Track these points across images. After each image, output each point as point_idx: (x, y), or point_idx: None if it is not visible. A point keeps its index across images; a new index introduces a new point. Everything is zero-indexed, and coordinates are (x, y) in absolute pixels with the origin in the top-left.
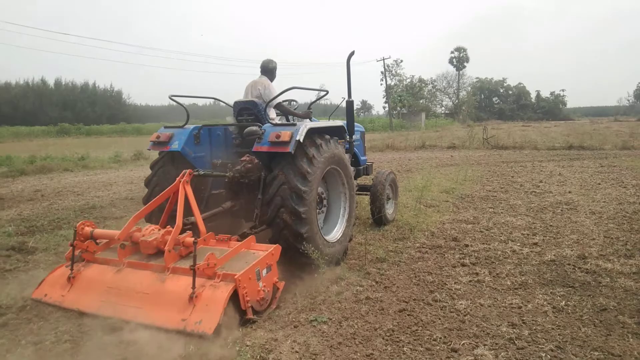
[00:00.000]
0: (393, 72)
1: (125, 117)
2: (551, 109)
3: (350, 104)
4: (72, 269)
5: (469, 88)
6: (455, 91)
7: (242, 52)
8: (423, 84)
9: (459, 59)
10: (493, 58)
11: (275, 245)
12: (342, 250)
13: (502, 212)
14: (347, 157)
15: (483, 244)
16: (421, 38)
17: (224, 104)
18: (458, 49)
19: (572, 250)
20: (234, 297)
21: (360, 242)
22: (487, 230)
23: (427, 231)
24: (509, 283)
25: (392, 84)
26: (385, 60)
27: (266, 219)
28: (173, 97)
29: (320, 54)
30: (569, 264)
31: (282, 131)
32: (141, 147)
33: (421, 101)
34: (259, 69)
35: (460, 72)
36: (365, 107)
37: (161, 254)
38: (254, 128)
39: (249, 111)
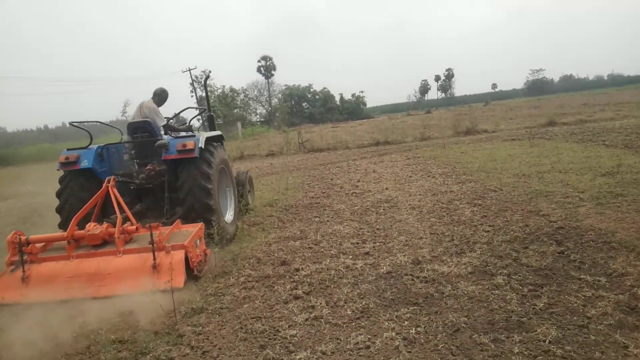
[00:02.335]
0: (203, 83)
1: None
2: (354, 110)
3: (211, 117)
4: (24, 270)
5: (280, 95)
6: (267, 99)
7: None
8: (235, 94)
9: (267, 68)
10: (298, 65)
11: (201, 223)
12: (235, 227)
13: (328, 221)
14: (228, 159)
15: (314, 263)
16: (227, 47)
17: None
18: (264, 58)
19: (404, 256)
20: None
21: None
22: (316, 244)
23: (253, 257)
24: (349, 312)
25: (203, 95)
26: (191, 70)
27: (180, 211)
28: (74, 123)
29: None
30: (406, 274)
31: (187, 141)
32: None
33: (235, 111)
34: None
35: (270, 80)
36: (179, 120)
37: (104, 244)
38: (163, 141)
39: (143, 129)
